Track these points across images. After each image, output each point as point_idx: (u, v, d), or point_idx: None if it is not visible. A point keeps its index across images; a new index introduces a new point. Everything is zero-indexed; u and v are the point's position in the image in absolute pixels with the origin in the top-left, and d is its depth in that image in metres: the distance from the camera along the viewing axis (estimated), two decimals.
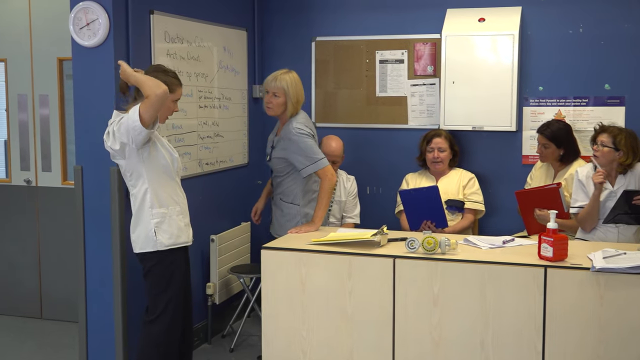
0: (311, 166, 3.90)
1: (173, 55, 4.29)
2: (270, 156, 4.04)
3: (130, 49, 3.90)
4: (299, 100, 3.97)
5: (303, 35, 5.33)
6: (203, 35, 4.62)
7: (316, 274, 3.43)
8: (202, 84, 4.63)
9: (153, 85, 3.27)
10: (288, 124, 3.96)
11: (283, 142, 3.96)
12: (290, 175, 4.02)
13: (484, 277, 3.21)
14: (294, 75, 3.98)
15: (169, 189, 3.49)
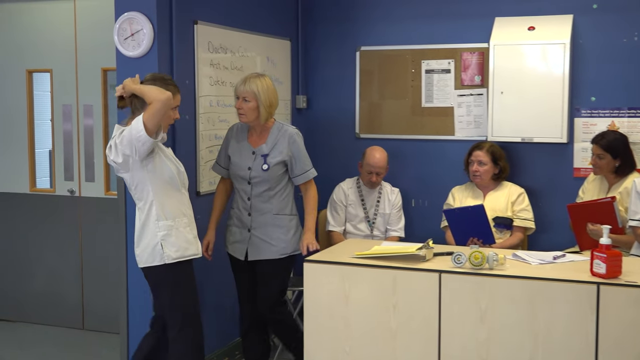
0: (311, 171, 3.89)
1: (216, 65, 4.33)
2: (268, 165, 3.79)
3: (173, 59, 3.95)
4: (272, 104, 3.77)
5: (348, 44, 5.33)
6: (247, 45, 4.65)
7: (360, 288, 3.41)
8: None
9: (156, 92, 3.27)
10: (279, 128, 3.82)
11: (281, 146, 3.80)
12: (283, 183, 3.85)
13: (534, 293, 3.16)
14: (266, 78, 3.80)
15: (175, 201, 3.43)
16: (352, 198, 4.84)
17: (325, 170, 5.45)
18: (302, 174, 3.85)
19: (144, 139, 3.25)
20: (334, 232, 4.83)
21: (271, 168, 3.78)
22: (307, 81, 5.46)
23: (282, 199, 3.85)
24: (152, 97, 3.26)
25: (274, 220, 3.83)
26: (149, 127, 3.25)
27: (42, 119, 5.38)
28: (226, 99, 4.43)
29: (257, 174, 3.76)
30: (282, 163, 3.80)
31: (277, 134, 3.78)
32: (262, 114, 3.75)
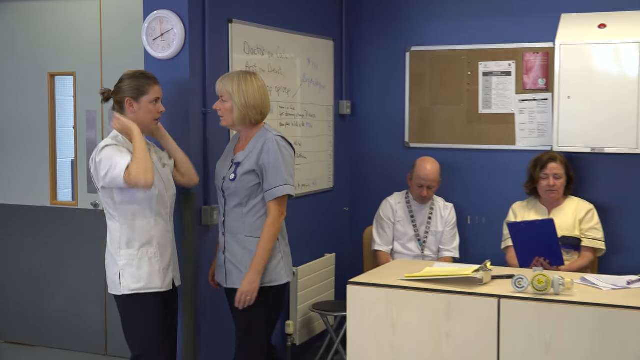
0: (279, 189, 3.52)
1: (252, 67, 4.36)
2: (236, 174, 3.58)
3: (206, 62, 3.99)
4: (250, 106, 3.54)
5: (396, 44, 5.33)
6: (285, 46, 4.68)
7: (409, 313, 3.40)
8: (284, 99, 4.69)
9: (142, 169, 3.35)
10: (263, 134, 3.59)
11: (254, 155, 3.57)
12: (257, 199, 3.59)
13: (605, 322, 3.11)
14: (250, 77, 3.59)
15: (146, 226, 3.47)
16: (401, 214, 4.83)
17: (370, 184, 5.45)
18: (268, 190, 3.54)
19: (122, 183, 3.38)
20: (380, 251, 4.82)
21: (239, 178, 3.56)
22: (351, 85, 5.47)
23: (256, 219, 3.59)
24: (135, 170, 3.36)
25: (245, 242, 3.59)
26: (128, 183, 3.36)
27: (64, 125, 5.47)
28: None
29: (228, 184, 3.61)
30: (252, 173, 3.56)
31: (258, 140, 3.59)
32: (235, 115, 3.56)
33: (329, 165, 5.26)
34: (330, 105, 5.26)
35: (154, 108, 3.52)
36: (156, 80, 3.57)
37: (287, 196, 3.58)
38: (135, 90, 3.50)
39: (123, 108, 3.52)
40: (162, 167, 3.61)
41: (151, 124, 3.54)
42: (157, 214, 3.50)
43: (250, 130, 3.62)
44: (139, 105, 3.50)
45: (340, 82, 5.38)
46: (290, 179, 3.56)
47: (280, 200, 3.54)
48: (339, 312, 4.71)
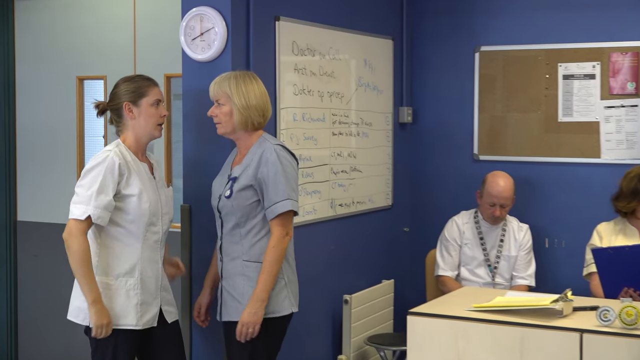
0: (280, 204, 3.46)
1: (302, 70, 4.39)
2: (231, 191, 3.54)
3: (250, 64, 4.02)
4: (252, 108, 3.52)
5: (464, 44, 5.32)
6: (339, 46, 4.71)
7: (478, 348, 3.37)
8: (337, 106, 4.71)
9: (77, 256, 3.36)
10: (260, 144, 3.55)
11: (251, 168, 3.52)
12: (257, 218, 3.54)
13: None
14: (250, 78, 3.59)
15: (129, 252, 3.47)
16: (469, 236, 4.80)
17: (434, 201, 5.43)
18: (269, 207, 3.49)
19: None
20: (444, 277, 4.80)
21: (235, 195, 3.52)
22: (412, 90, 5.47)
23: (256, 240, 3.54)
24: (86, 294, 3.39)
25: (243, 268, 3.54)
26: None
27: (93, 134, 5.55)
28: (314, 112, 4.49)
29: (223, 203, 3.56)
30: (249, 189, 3.52)
31: (256, 151, 3.55)
32: (236, 119, 3.53)
33: (387, 180, 5.26)
34: (389, 112, 5.26)
35: (155, 111, 3.54)
36: (155, 82, 3.61)
37: (292, 214, 3.53)
38: (133, 93, 3.53)
39: (121, 116, 3.54)
40: (165, 187, 3.64)
41: (154, 129, 3.56)
42: (145, 239, 3.50)
43: (249, 138, 3.58)
44: (139, 109, 3.52)
45: (400, 86, 5.38)
46: (292, 193, 3.49)
47: (283, 219, 3.48)
48: (397, 346, 4.69)
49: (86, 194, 3.39)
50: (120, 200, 3.45)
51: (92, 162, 3.45)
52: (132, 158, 3.52)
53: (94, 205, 3.37)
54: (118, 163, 3.42)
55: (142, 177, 3.51)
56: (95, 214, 3.37)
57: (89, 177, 3.42)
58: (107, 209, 3.40)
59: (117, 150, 3.48)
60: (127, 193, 3.45)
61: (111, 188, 3.40)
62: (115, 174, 3.41)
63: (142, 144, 3.57)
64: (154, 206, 3.52)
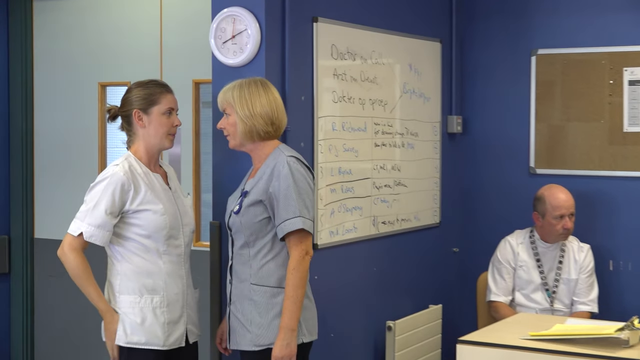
0: (291, 222, 3.42)
1: (342, 76, 4.40)
2: (240, 206, 3.53)
3: (286, 69, 4.04)
4: (254, 114, 3.50)
5: (519, 47, 5.30)
6: (382, 49, 4.71)
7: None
8: (380, 115, 4.71)
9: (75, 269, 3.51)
10: (274, 156, 3.53)
11: (262, 182, 3.51)
12: (268, 237, 3.52)
13: None
14: (256, 82, 3.57)
15: (151, 268, 3.52)
16: (524, 257, 4.77)
17: (486, 219, 5.41)
18: (278, 225, 3.46)
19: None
20: (497, 303, 4.77)
21: (243, 210, 3.51)
22: (463, 97, 5.45)
23: (265, 262, 3.52)
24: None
25: (251, 292, 3.52)
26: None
27: (116, 145, 5.59)
28: (354, 121, 4.49)
29: (233, 219, 3.57)
30: (259, 205, 3.50)
31: (269, 163, 3.53)
32: (239, 129, 3.52)
33: (434, 196, 5.24)
34: (437, 121, 5.25)
35: (167, 120, 3.57)
36: (169, 89, 3.63)
37: (308, 232, 3.46)
38: (143, 100, 3.56)
39: (131, 124, 3.58)
40: (183, 197, 3.67)
41: (164, 139, 3.58)
42: (166, 253, 3.54)
43: (262, 150, 3.57)
44: (149, 117, 3.55)
45: (449, 93, 5.37)
46: (305, 210, 3.44)
47: (300, 237, 3.44)
48: None
49: (84, 209, 3.49)
50: (133, 217, 3.49)
51: (98, 177, 3.51)
52: (144, 170, 3.55)
53: (87, 222, 3.45)
54: (122, 179, 3.46)
55: (155, 190, 3.55)
56: (88, 231, 3.44)
57: (92, 192, 3.50)
58: (103, 228, 3.45)
59: (125, 164, 3.52)
60: (139, 208, 3.49)
61: (110, 206, 3.45)
62: (117, 192, 3.45)
63: (152, 154, 3.61)
64: (171, 218, 3.55)
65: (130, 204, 3.47)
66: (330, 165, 4.33)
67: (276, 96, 3.59)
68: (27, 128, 5.73)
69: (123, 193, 3.46)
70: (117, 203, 3.45)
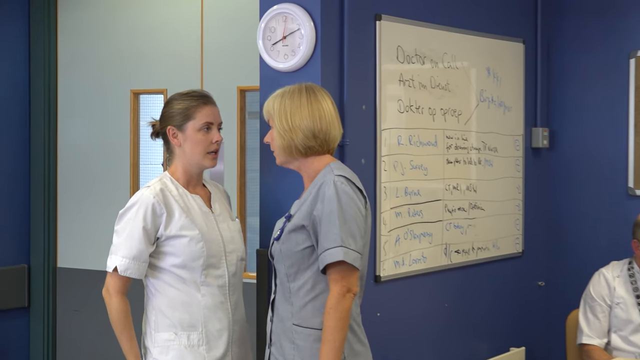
0: (332, 252, 3.33)
1: (409, 81, 4.39)
2: (282, 231, 3.49)
3: (344, 74, 4.03)
4: (293, 127, 3.45)
5: (615, 48, 5.26)
6: (456, 51, 4.69)
7: None
8: (453, 127, 4.70)
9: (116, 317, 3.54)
10: (324, 175, 3.46)
11: (306, 204, 3.45)
12: (309, 270, 3.44)
13: None
14: (302, 89, 3.51)
15: (183, 304, 3.55)
16: (622, 293, 4.72)
17: (576, 248, 5.36)
18: (320, 255, 3.38)
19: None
20: (590, 346, 4.72)
21: (284, 237, 3.47)
22: (549, 106, 5.42)
23: (309, 299, 3.44)
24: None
25: (293, 334, 3.46)
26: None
27: (150, 161, 5.63)
28: (424, 134, 4.49)
29: (275, 247, 3.53)
30: (301, 231, 3.44)
31: (317, 182, 3.48)
32: (277, 144, 3.50)
33: (516, 221, 5.20)
34: (519, 134, 5.22)
35: (204, 137, 3.58)
36: (208, 100, 3.63)
37: (352, 267, 3.35)
38: (179, 116, 3.58)
39: (168, 142, 3.63)
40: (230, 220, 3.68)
41: (203, 159, 3.59)
42: (205, 284, 3.55)
43: (310, 167, 3.52)
44: (184, 135, 3.57)
45: (533, 101, 5.33)
46: (349, 239, 3.33)
47: (342, 270, 3.34)
48: None
49: (116, 241, 3.54)
50: (166, 244, 3.52)
51: (128, 203, 3.56)
52: (180, 191, 3.58)
53: (121, 254, 3.49)
54: (153, 202, 3.49)
55: (192, 213, 3.57)
56: (122, 265, 3.48)
57: (122, 221, 3.55)
58: (139, 259, 3.49)
59: (157, 186, 3.55)
60: (172, 234, 3.52)
61: (143, 233, 3.48)
62: (149, 216, 3.49)
63: (191, 174, 3.64)
64: (211, 245, 3.56)
65: (164, 229, 3.50)
66: (396, 184, 4.33)
67: (323, 106, 3.50)
68: (49, 142, 5.78)
69: (155, 217, 3.49)
70: (150, 229, 3.49)
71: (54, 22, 5.81)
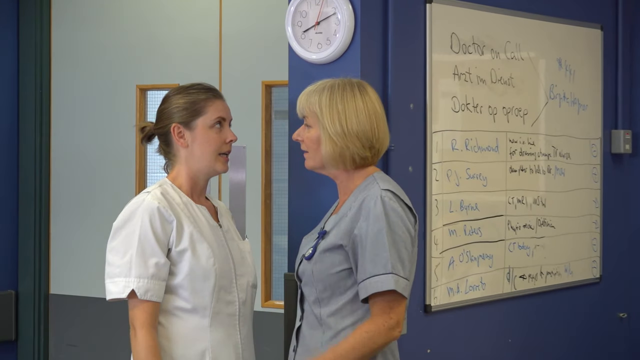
0: (377, 280, 3.31)
1: (465, 75, 4.39)
2: (314, 250, 3.48)
3: (388, 66, 4.03)
4: (349, 131, 3.41)
5: None
6: (520, 39, 4.68)
7: None
8: (517, 128, 4.68)
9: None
10: (366, 186, 3.45)
11: (346, 221, 3.44)
12: (346, 295, 3.43)
13: None
14: (352, 86, 3.48)
15: (187, 334, 3.50)
16: None
17: None
18: (362, 281, 3.37)
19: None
20: None
21: (318, 256, 3.46)
22: (632, 104, 5.39)
23: (341, 329, 3.45)
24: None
25: None
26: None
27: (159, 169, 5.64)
28: (482, 137, 4.49)
29: (304, 267, 3.52)
30: (339, 251, 3.43)
31: (357, 196, 3.47)
32: (325, 151, 3.46)
33: (592, 240, 5.17)
34: (597, 137, 5.19)
35: (216, 135, 3.54)
36: (218, 94, 3.61)
37: (401, 297, 3.34)
38: (185, 111, 3.54)
39: (170, 144, 3.56)
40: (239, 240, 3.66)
41: (215, 161, 3.56)
42: (215, 311, 3.52)
43: (350, 177, 3.50)
44: (192, 133, 3.53)
45: (613, 99, 5.31)
46: (399, 264, 3.32)
47: (391, 302, 3.33)
48: None
49: (121, 261, 3.43)
50: (173, 259, 3.46)
51: (123, 213, 3.49)
52: (185, 200, 3.54)
53: (136, 274, 3.40)
54: (158, 207, 3.43)
55: (199, 225, 3.53)
56: (141, 287, 3.39)
57: (122, 235, 3.47)
58: (158, 277, 3.42)
59: (158, 191, 3.50)
60: (182, 247, 3.47)
61: (156, 243, 3.42)
62: (157, 222, 3.43)
63: (197, 181, 3.60)
64: (222, 264, 3.53)
65: (175, 240, 3.46)
66: (449, 197, 4.32)
67: (378, 109, 3.48)
68: (42, 148, 5.80)
69: (165, 223, 3.43)
70: (162, 237, 3.43)
71: (47, 10, 5.83)
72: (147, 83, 5.61)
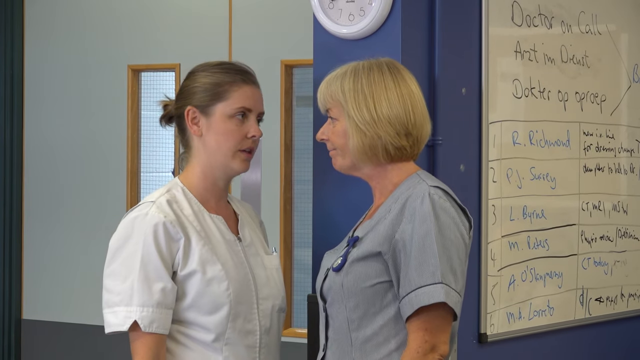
0: (424, 292, 3.29)
1: (528, 53, 4.42)
2: (344, 260, 3.47)
3: (435, 43, 4.07)
4: (379, 117, 3.42)
5: None
6: (597, 9, 4.71)
7: None
8: (592, 118, 4.72)
9: None
10: (409, 185, 3.46)
11: (386, 225, 3.44)
12: (385, 313, 3.42)
13: None
14: (380, 66, 3.50)
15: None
16: None
17: None
18: (406, 295, 3.36)
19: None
20: None
21: (348, 267, 3.46)
22: None
23: (382, 356, 3.44)
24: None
25: None
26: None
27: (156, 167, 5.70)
28: (550, 130, 4.53)
29: (329, 283, 3.53)
30: (376, 260, 3.43)
31: (399, 196, 3.47)
32: (352, 143, 3.48)
33: None
34: None
35: (236, 128, 3.59)
36: (249, 77, 3.65)
37: (450, 312, 3.34)
38: (204, 93, 3.58)
39: (184, 131, 3.61)
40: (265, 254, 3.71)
41: (232, 158, 3.60)
42: (230, 342, 3.57)
43: (389, 175, 3.53)
44: (208, 121, 3.58)
45: None
46: (449, 274, 3.32)
47: (431, 318, 3.31)
48: None
49: (122, 286, 3.45)
50: (179, 284, 3.51)
51: (122, 229, 3.51)
52: (195, 209, 3.57)
53: (138, 302, 3.43)
54: (164, 221, 3.46)
55: (213, 241, 3.57)
56: (146, 317, 3.43)
57: (122, 257, 3.48)
58: (165, 305, 3.45)
59: (164, 200, 3.53)
60: (189, 270, 3.50)
61: (162, 264, 3.45)
62: (161, 240, 3.45)
63: (214, 181, 3.64)
64: (239, 287, 3.57)
65: (182, 261, 3.49)
66: (509, 202, 4.36)
67: (413, 89, 3.50)
68: (12, 144, 5.85)
69: (171, 241, 3.46)
70: (167, 258, 3.46)
71: None
72: (140, 63, 5.65)
